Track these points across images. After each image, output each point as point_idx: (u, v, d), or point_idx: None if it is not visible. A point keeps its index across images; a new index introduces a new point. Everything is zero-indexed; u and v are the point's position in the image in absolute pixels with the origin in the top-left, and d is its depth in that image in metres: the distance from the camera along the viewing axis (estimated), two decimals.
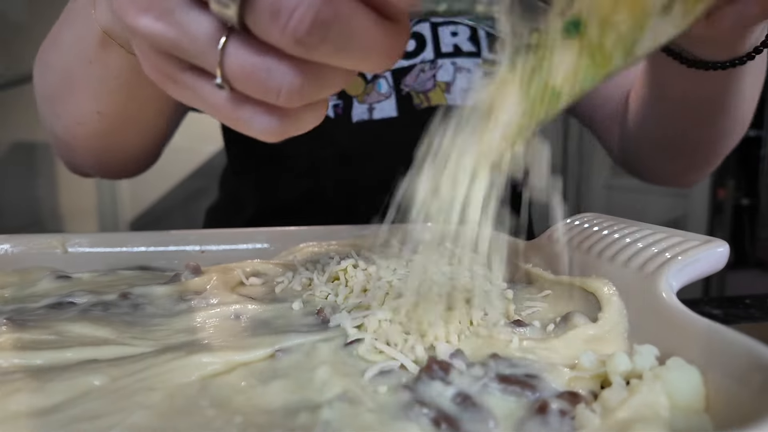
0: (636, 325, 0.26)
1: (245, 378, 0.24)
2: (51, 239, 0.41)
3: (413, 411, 0.21)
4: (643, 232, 0.30)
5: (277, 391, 0.23)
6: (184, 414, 0.22)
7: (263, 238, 0.44)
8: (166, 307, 0.32)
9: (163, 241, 0.42)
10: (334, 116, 0.62)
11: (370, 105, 0.61)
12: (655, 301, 0.25)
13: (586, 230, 0.33)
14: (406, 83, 0.60)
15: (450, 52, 0.60)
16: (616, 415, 0.19)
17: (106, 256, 0.41)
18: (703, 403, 0.21)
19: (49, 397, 0.23)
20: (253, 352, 0.26)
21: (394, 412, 0.21)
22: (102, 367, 0.25)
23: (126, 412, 0.21)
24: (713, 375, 0.21)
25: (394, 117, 0.60)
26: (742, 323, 0.45)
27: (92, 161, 0.54)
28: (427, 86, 0.60)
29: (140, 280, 0.37)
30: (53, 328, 0.28)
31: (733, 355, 0.20)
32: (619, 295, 0.28)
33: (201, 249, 0.43)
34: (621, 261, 0.29)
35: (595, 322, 0.27)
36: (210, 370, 0.25)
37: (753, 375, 0.19)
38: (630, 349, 0.24)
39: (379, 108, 0.60)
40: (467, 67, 0.60)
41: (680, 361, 0.21)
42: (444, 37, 0.60)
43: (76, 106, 0.45)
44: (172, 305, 0.32)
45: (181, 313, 0.31)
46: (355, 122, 0.61)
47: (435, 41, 0.60)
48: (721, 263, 0.27)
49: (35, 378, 0.24)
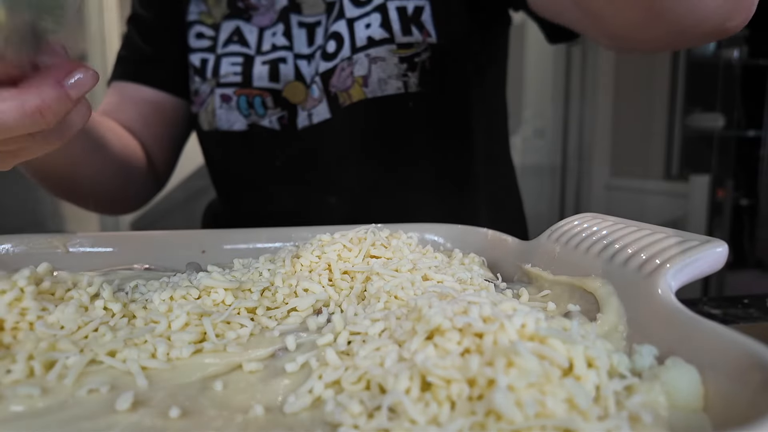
0: (635, 324, 0.26)
1: (246, 378, 0.24)
2: (52, 239, 0.41)
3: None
4: (642, 232, 0.30)
5: (278, 390, 0.23)
6: (184, 414, 0.22)
7: (264, 237, 0.44)
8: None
9: (164, 241, 0.43)
10: (280, 128, 0.62)
11: (309, 111, 0.62)
12: (654, 301, 0.25)
13: (585, 230, 0.33)
14: (333, 84, 0.60)
15: (364, 45, 0.59)
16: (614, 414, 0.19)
17: (107, 256, 0.41)
18: (701, 403, 0.21)
19: (50, 396, 0.23)
20: (253, 352, 0.26)
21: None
22: (104, 367, 0.25)
23: (126, 412, 0.22)
24: (712, 375, 0.21)
25: (329, 119, 0.61)
26: (741, 323, 0.45)
27: (77, 203, 0.62)
28: (347, 84, 0.60)
29: (141, 280, 0.37)
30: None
31: (731, 355, 0.20)
32: (618, 294, 0.28)
33: (202, 249, 0.43)
34: (620, 261, 0.29)
35: (594, 321, 0.27)
36: (211, 370, 0.25)
37: (752, 375, 0.19)
38: (629, 349, 0.25)
39: (316, 112, 0.61)
40: (381, 56, 0.59)
41: (679, 361, 0.22)
42: (358, 32, 0.60)
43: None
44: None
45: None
46: (300, 129, 0.62)
47: (351, 38, 0.60)
48: (720, 263, 0.27)
49: (35, 378, 0.24)
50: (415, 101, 0.60)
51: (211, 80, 0.63)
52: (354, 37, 0.59)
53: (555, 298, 0.32)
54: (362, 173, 0.63)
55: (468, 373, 0.20)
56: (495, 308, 0.23)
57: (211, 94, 0.63)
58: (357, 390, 0.22)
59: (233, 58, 0.63)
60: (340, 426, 0.20)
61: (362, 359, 0.23)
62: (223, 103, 0.63)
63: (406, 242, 0.39)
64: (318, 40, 0.62)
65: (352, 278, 0.34)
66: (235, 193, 0.69)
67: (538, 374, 0.19)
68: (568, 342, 0.21)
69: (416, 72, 0.60)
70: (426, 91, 0.60)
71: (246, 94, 0.62)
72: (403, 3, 0.59)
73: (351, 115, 0.60)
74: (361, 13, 0.60)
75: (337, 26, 0.60)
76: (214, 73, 0.63)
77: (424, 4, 0.60)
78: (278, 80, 0.62)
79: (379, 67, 0.59)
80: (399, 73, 0.59)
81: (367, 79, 0.59)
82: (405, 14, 0.59)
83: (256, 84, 0.62)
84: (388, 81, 0.59)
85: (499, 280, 0.35)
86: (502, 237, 0.41)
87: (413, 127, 0.62)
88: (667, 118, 2.04)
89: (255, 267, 0.35)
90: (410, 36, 0.59)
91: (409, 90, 0.60)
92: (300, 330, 0.28)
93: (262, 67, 0.62)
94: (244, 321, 0.28)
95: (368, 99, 0.60)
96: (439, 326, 0.22)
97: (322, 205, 0.63)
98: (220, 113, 0.63)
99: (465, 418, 0.19)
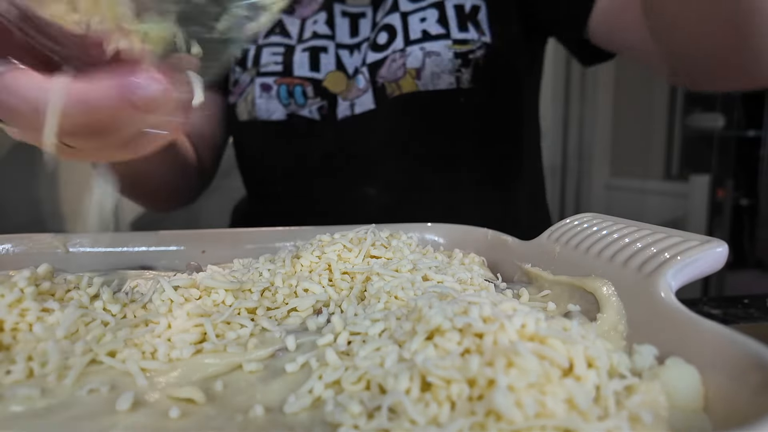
0: (635, 325, 0.26)
1: (246, 378, 0.24)
2: (52, 239, 0.41)
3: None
4: (642, 232, 0.30)
5: (278, 390, 0.23)
6: (184, 414, 0.22)
7: (264, 237, 0.44)
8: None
9: (164, 241, 0.43)
10: (320, 117, 0.62)
11: (352, 101, 0.62)
12: (654, 301, 0.25)
13: (585, 230, 0.33)
14: (381, 75, 0.60)
15: (418, 38, 0.60)
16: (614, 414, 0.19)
17: (107, 256, 0.41)
18: (701, 403, 0.21)
19: (50, 397, 0.23)
20: (254, 353, 0.26)
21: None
22: (104, 368, 0.25)
23: (126, 412, 0.22)
24: (712, 375, 0.21)
25: (373, 109, 0.61)
26: (741, 323, 0.45)
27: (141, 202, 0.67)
28: (398, 75, 0.60)
29: (141, 280, 0.37)
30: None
31: (731, 355, 0.20)
32: (618, 295, 0.28)
33: (202, 249, 0.43)
34: (620, 261, 0.29)
35: (594, 321, 0.27)
36: (211, 371, 0.25)
37: (752, 375, 0.19)
38: (629, 349, 0.25)
39: (359, 102, 0.61)
40: (436, 51, 0.60)
41: (679, 361, 0.22)
42: (413, 25, 0.60)
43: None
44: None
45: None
46: (340, 119, 0.62)
47: (405, 30, 0.60)
48: (720, 263, 0.27)
49: (35, 379, 0.24)
50: (466, 97, 0.61)
51: (252, 70, 0.64)
52: (408, 29, 0.60)
53: (555, 298, 0.32)
54: (403, 167, 0.63)
55: (468, 373, 0.20)
56: (495, 308, 0.23)
57: (251, 84, 0.64)
58: (357, 390, 0.22)
59: (274, 48, 0.64)
60: (340, 426, 0.20)
61: (362, 359, 0.23)
62: (263, 92, 0.63)
63: (406, 242, 0.39)
64: (363, 31, 0.63)
65: (352, 278, 0.34)
66: (267, 188, 0.69)
67: (538, 374, 0.19)
68: (568, 342, 0.21)
69: (470, 68, 0.60)
70: (478, 87, 0.61)
71: (287, 83, 0.63)
72: (460, 1, 0.60)
73: (398, 106, 0.61)
74: (416, 7, 0.61)
75: (390, 19, 0.61)
76: (254, 63, 0.64)
77: (481, 4, 0.61)
78: (318, 69, 0.62)
79: (434, 62, 0.60)
80: (453, 69, 0.60)
81: (421, 72, 0.60)
82: (462, 12, 0.60)
83: (297, 73, 0.62)
84: (441, 75, 0.60)
85: (499, 281, 0.35)
86: (502, 237, 0.41)
87: (461, 123, 0.63)
88: (667, 118, 2.04)
89: (255, 267, 0.35)
90: (466, 32, 0.60)
91: (461, 86, 0.60)
92: (300, 330, 0.28)
93: (302, 55, 0.62)
94: (244, 321, 0.28)
95: (419, 92, 0.60)
96: (439, 326, 0.22)
97: (360, 197, 0.63)
98: (260, 103, 0.63)
99: (465, 418, 0.19)
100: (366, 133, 0.62)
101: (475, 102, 0.62)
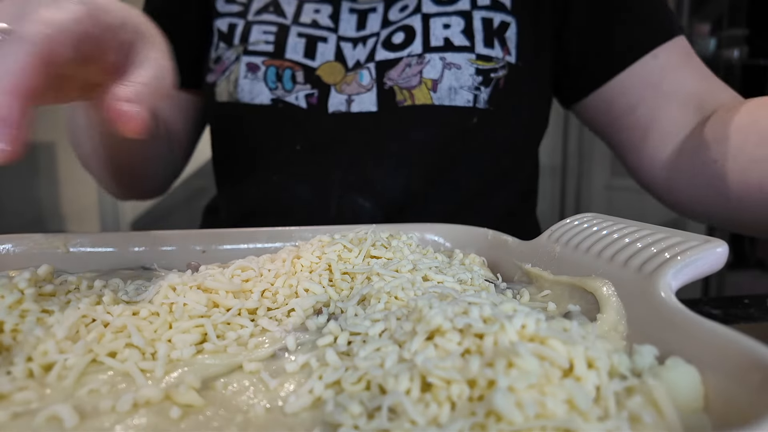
0: (635, 325, 0.26)
1: (246, 377, 0.24)
2: (53, 239, 0.41)
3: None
4: (642, 232, 0.30)
5: (278, 390, 0.23)
6: (184, 414, 0.22)
7: (264, 237, 0.44)
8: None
9: (164, 241, 0.43)
10: (307, 107, 0.57)
11: (349, 96, 0.56)
12: (654, 301, 0.25)
13: (585, 230, 0.33)
14: (390, 77, 0.55)
15: (440, 46, 0.55)
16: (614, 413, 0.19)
17: (108, 256, 0.41)
18: (702, 403, 0.21)
19: (50, 397, 0.23)
20: (254, 353, 0.26)
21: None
22: (104, 368, 0.25)
23: (127, 413, 0.22)
24: (712, 375, 0.21)
25: (374, 112, 0.56)
26: (741, 323, 0.45)
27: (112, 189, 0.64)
28: (412, 82, 0.55)
29: (141, 280, 0.37)
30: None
31: (732, 355, 0.20)
32: (618, 295, 0.28)
33: (202, 249, 0.43)
34: (620, 261, 0.29)
35: (594, 321, 0.27)
36: (212, 371, 0.25)
37: (752, 375, 0.19)
38: (629, 349, 0.25)
39: (358, 100, 0.56)
40: (457, 64, 0.55)
41: (679, 361, 0.22)
42: (435, 29, 0.55)
43: (82, 151, 0.59)
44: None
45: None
46: (330, 113, 0.57)
47: (425, 34, 0.55)
48: (720, 263, 0.27)
49: (35, 379, 0.24)
50: (480, 118, 0.57)
51: (239, 47, 0.58)
52: (429, 34, 0.55)
53: (555, 299, 0.32)
54: (401, 180, 0.58)
55: (468, 373, 0.20)
56: (495, 309, 0.23)
57: (236, 62, 0.58)
58: (357, 390, 0.22)
59: (266, 26, 0.58)
60: (340, 426, 0.20)
61: (362, 360, 0.23)
62: (248, 72, 0.57)
63: (407, 242, 0.39)
64: (371, 26, 0.58)
65: (352, 279, 0.34)
66: (239, 182, 0.63)
67: (539, 375, 0.19)
68: (569, 342, 0.21)
69: (489, 88, 0.56)
70: (494, 109, 0.57)
71: (276, 66, 0.57)
72: (490, 15, 0.56)
73: (408, 116, 0.56)
74: (440, 11, 0.56)
75: (411, 20, 0.56)
76: (242, 39, 0.58)
77: (511, 21, 0.56)
78: (314, 57, 0.57)
79: (453, 75, 0.55)
80: (472, 86, 0.55)
81: (437, 84, 0.55)
82: (490, 26, 0.56)
83: (289, 56, 0.57)
84: (459, 91, 0.55)
85: (499, 281, 0.35)
86: (502, 237, 0.41)
87: (470, 143, 0.58)
88: None
89: (255, 267, 0.35)
90: (491, 49, 0.56)
91: (477, 105, 0.56)
92: (300, 330, 0.28)
93: (297, 39, 0.57)
94: (244, 322, 0.28)
95: (434, 106, 0.55)
96: (439, 327, 0.22)
97: (352, 205, 0.58)
98: (244, 83, 0.57)
99: (465, 418, 0.19)
100: (360, 135, 0.57)
101: (488, 124, 0.57)
